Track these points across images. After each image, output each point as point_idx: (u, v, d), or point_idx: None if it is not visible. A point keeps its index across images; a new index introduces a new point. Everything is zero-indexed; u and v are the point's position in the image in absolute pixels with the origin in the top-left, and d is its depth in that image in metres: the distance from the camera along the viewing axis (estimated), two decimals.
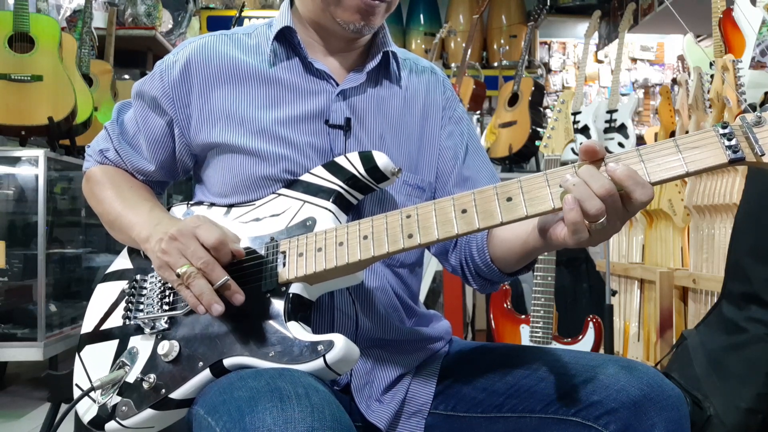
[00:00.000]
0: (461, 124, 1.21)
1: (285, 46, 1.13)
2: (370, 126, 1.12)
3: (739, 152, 0.78)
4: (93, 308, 1.12)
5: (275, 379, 0.81)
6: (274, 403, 0.76)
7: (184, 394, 0.93)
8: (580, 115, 3.64)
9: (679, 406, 0.92)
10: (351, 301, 1.05)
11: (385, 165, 1.02)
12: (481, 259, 1.09)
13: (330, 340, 0.86)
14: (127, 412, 0.95)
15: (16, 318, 2.79)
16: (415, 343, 1.13)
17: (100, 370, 1.01)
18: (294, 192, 1.05)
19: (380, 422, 1.03)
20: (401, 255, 1.11)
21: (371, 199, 1.09)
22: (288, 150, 1.07)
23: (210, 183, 1.13)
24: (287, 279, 0.94)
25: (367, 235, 0.92)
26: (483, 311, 3.22)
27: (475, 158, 1.20)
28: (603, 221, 0.79)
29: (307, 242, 0.96)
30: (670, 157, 0.80)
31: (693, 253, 2.32)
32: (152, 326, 1.00)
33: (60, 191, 3.06)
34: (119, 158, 1.19)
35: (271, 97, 1.10)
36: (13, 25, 2.79)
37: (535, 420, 0.99)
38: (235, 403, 0.80)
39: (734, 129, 0.79)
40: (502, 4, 5.46)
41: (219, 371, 0.91)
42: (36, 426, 2.39)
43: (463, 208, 0.87)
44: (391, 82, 1.17)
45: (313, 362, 0.86)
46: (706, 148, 0.79)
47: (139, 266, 1.11)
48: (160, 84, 1.13)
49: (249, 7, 4.95)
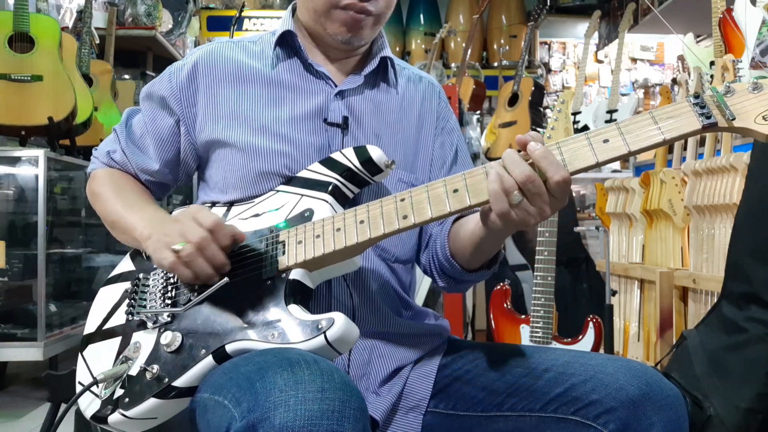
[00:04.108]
0: (452, 135, 1.26)
1: (286, 49, 1.18)
2: (367, 126, 1.16)
3: (712, 118, 0.83)
4: (96, 310, 1.13)
5: (282, 352, 0.84)
6: (284, 368, 0.79)
7: (187, 382, 0.93)
8: (580, 115, 3.64)
9: (677, 405, 0.93)
10: (348, 293, 1.08)
11: (379, 158, 1.06)
12: (443, 254, 1.13)
13: (330, 317, 0.88)
14: (129, 403, 0.96)
15: (16, 318, 2.79)
16: (413, 337, 1.14)
17: (103, 366, 1.02)
18: (292, 187, 1.09)
19: (376, 413, 1.04)
20: (396, 250, 1.15)
21: (367, 194, 1.11)
22: (287, 146, 1.11)
23: (212, 180, 1.17)
24: (287, 265, 0.97)
25: (364, 219, 0.96)
26: (483, 311, 3.22)
27: (461, 167, 1.24)
28: (517, 194, 0.87)
29: (306, 230, 0.99)
30: (648, 127, 0.86)
31: (693, 253, 2.32)
32: (155, 320, 1.01)
33: (60, 191, 3.06)
34: (125, 159, 1.22)
35: (272, 96, 1.15)
36: (13, 25, 2.79)
37: (534, 419, 0.99)
38: (243, 376, 0.82)
39: (706, 99, 0.85)
40: (502, 4, 5.47)
41: (221, 357, 0.92)
42: (36, 426, 2.39)
43: (455, 188, 0.92)
44: (389, 86, 1.21)
45: (314, 339, 0.88)
46: (681, 117, 0.85)
47: (141, 268, 1.13)
48: (168, 85, 1.18)
49: (249, 7, 4.95)
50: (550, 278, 2.20)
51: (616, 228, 2.86)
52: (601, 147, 0.87)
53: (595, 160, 0.87)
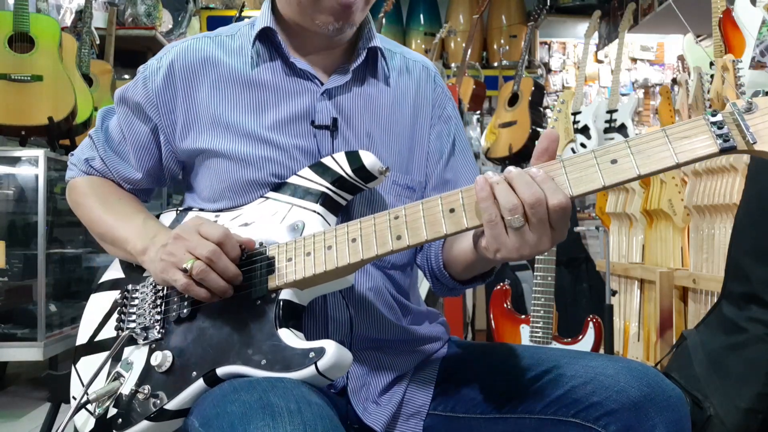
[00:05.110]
0: (449, 123, 1.19)
1: (267, 46, 1.11)
2: (357, 125, 1.10)
3: (730, 141, 0.76)
4: (87, 319, 1.12)
5: (267, 393, 0.81)
6: (266, 422, 0.76)
7: (179, 405, 0.92)
8: (580, 115, 3.64)
9: (679, 406, 0.92)
10: (344, 304, 1.05)
11: (372, 164, 1.00)
12: (436, 263, 1.09)
13: (321, 347, 0.85)
14: (123, 425, 0.95)
15: (16, 318, 2.79)
16: (412, 343, 1.12)
17: (96, 381, 1.00)
18: (281, 195, 1.04)
19: (377, 425, 1.03)
20: (392, 257, 1.10)
21: (360, 200, 1.08)
22: (274, 153, 1.06)
23: (198, 189, 1.12)
24: (277, 285, 0.93)
25: (356, 237, 0.90)
26: (483, 311, 3.22)
27: (458, 159, 1.19)
28: (518, 217, 0.79)
29: (296, 246, 0.94)
30: (659, 147, 0.78)
31: (693, 253, 2.32)
32: (145, 336, 1.00)
33: (60, 191, 3.05)
34: (105, 167, 1.18)
35: (255, 100, 1.09)
36: (13, 25, 2.79)
37: (534, 421, 0.99)
38: (228, 418, 0.79)
39: (725, 117, 0.77)
40: (502, 4, 5.46)
41: (212, 381, 0.91)
42: (36, 426, 2.39)
43: (451, 207, 0.86)
44: (378, 79, 1.13)
45: (304, 370, 0.85)
46: (696, 138, 0.77)
47: (131, 276, 1.10)
48: (143, 91, 1.11)
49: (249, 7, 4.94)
50: (550, 278, 2.20)
51: (616, 228, 2.86)
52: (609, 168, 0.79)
53: (602, 183, 0.80)
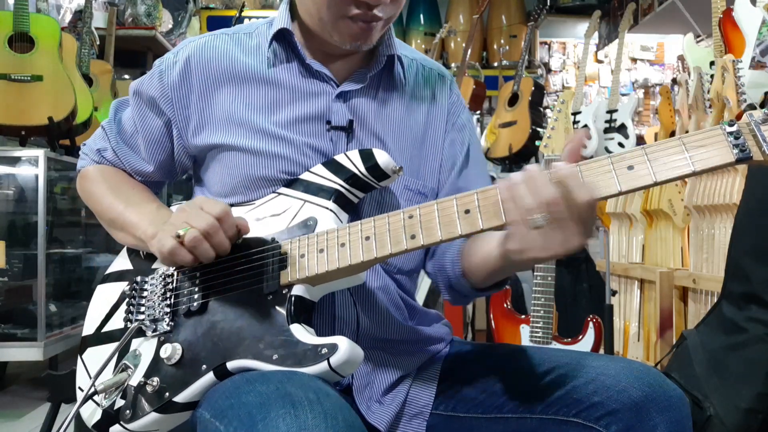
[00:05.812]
0: (463, 131, 1.19)
1: (284, 46, 1.11)
2: (371, 129, 1.10)
3: (747, 151, 0.77)
4: (94, 310, 1.11)
5: (284, 384, 0.81)
6: (287, 410, 0.75)
7: (188, 398, 0.92)
8: (580, 115, 3.64)
9: (681, 406, 0.92)
10: (352, 302, 1.05)
11: (386, 163, 1.01)
12: (452, 271, 1.09)
13: (333, 343, 0.86)
14: (131, 416, 0.95)
15: (16, 318, 2.79)
16: (416, 343, 1.12)
17: (103, 373, 1.00)
18: (294, 191, 1.04)
19: (380, 424, 1.03)
20: (399, 261, 1.10)
21: (370, 202, 1.08)
22: (287, 150, 1.06)
23: (209, 183, 1.12)
24: (289, 281, 0.94)
25: (369, 236, 0.91)
26: (483, 311, 3.22)
27: (472, 169, 1.19)
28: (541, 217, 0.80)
29: (309, 243, 0.95)
30: (676, 155, 0.80)
31: (693, 253, 2.32)
32: (154, 328, 1.00)
33: (60, 191, 3.05)
34: (117, 159, 1.18)
35: (270, 99, 1.09)
36: (13, 25, 2.78)
37: (535, 421, 0.99)
38: (245, 408, 0.79)
39: (741, 127, 0.78)
40: (502, 4, 5.46)
41: (222, 374, 0.91)
42: (36, 426, 2.38)
43: (466, 208, 0.86)
44: (395, 86, 1.14)
45: (316, 365, 0.85)
46: (712, 147, 0.79)
47: (139, 267, 1.10)
48: (159, 84, 1.12)
49: (249, 7, 4.94)
50: (550, 278, 2.19)
51: (616, 228, 2.86)
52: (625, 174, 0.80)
53: (618, 189, 0.81)
